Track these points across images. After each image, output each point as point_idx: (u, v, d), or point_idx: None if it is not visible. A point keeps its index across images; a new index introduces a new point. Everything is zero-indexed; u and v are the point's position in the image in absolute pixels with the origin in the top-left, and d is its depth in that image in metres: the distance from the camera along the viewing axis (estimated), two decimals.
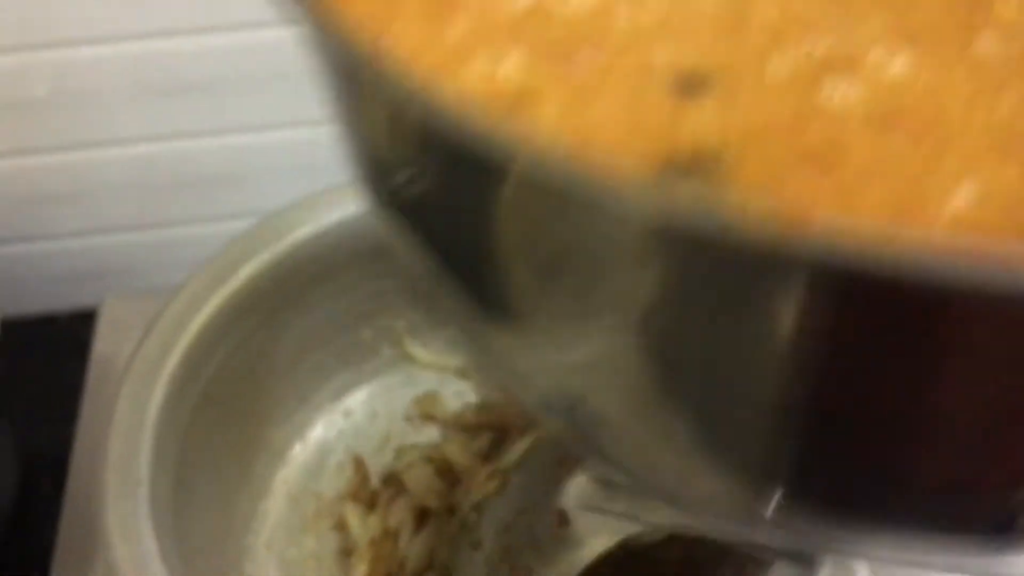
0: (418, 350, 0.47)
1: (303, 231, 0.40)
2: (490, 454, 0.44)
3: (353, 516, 0.43)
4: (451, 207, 0.16)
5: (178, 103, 0.51)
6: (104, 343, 0.52)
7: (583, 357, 0.16)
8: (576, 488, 0.37)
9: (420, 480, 0.43)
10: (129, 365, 0.35)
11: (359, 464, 0.45)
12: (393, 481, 0.44)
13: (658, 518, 0.35)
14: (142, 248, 0.58)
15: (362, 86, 0.16)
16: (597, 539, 0.35)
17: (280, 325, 0.41)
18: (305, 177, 0.44)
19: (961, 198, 0.12)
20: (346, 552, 0.43)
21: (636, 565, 0.41)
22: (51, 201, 0.54)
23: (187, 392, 0.36)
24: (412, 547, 0.41)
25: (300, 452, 0.44)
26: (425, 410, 0.46)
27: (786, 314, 0.12)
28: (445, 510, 0.42)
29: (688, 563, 0.41)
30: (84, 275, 0.58)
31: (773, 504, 0.16)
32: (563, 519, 0.36)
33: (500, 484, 0.40)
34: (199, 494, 0.38)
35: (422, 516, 0.43)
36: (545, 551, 0.36)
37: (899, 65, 0.14)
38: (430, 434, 0.46)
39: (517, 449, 0.41)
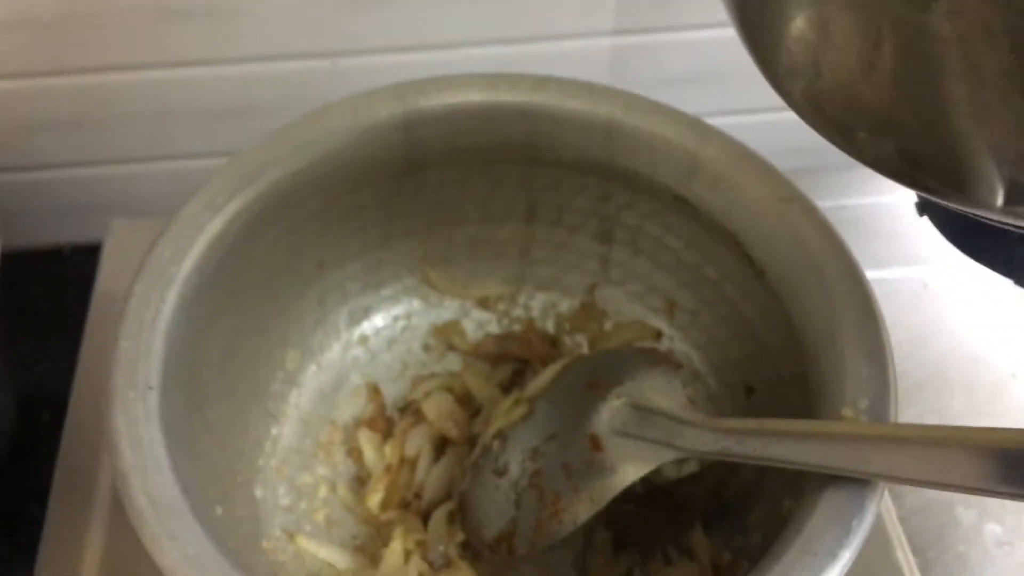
0: (439, 278, 0.45)
1: (333, 139, 0.37)
2: (512, 385, 0.43)
3: (368, 444, 0.41)
4: None
5: (192, 28, 0.49)
6: (109, 270, 0.50)
7: None
8: (609, 413, 0.35)
9: (439, 409, 0.41)
10: (142, 265, 0.33)
11: (374, 391, 0.43)
12: (410, 410, 0.42)
13: (693, 444, 0.33)
14: (150, 180, 0.56)
15: None
16: (630, 466, 0.34)
17: (300, 238, 0.39)
18: None
19: None
20: (360, 480, 0.41)
21: (660, 502, 0.39)
22: (57, 128, 0.52)
23: (202, 298, 0.34)
24: (430, 476, 0.40)
25: (314, 375, 0.42)
26: (445, 339, 0.44)
27: None
28: (465, 440, 0.41)
29: (714, 501, 0.39)
30: (90, 207, 0.56)
31: None
32: (596, 444, 0.35)
33: (526, 412, 0.38)
34: (211, 409, 0.36)
35: (441, 446, 0.41)
36: (576, 477, 0.35)
37: None
38: (449, 364, 0.44)
39: (544, 377, 0.39)
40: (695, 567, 0.37)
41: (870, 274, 0.34)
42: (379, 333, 0.44)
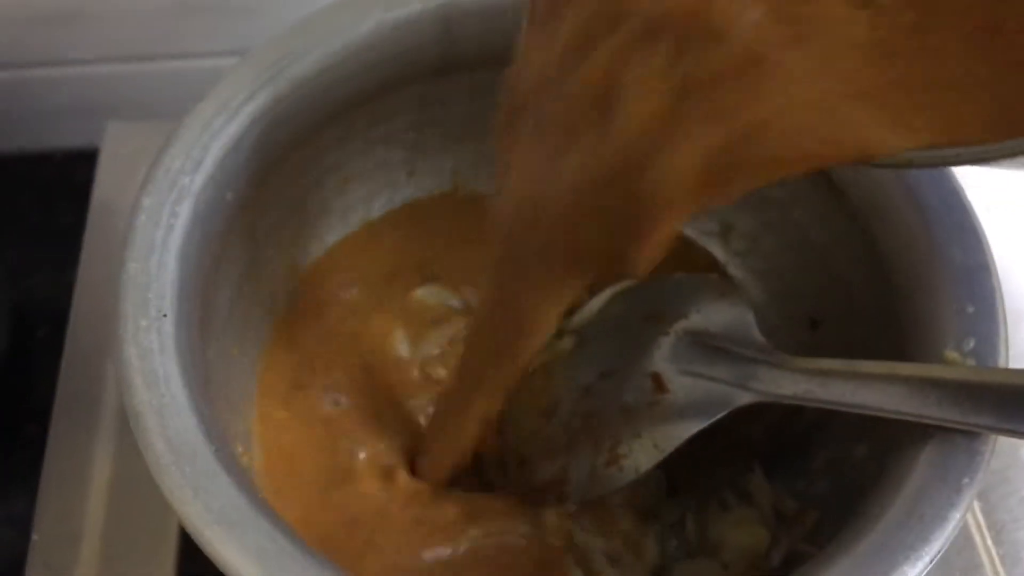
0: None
1: (361, 33, 0.33)
2: None
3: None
4: None
5: None
6: (106, 177, 0.47)
7: None
8: (672, 349, 0.32)
9: None
10: (148, 176, 0.29)
11: None
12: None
13: (770, 386, 0.30)
14: (149, 81, 0.53)
15: None
16: (700, 409, 0.30)
17: (322, 145, 0.35)
18: None
19: None
20: None
21: (714, 441, 0.36)
22: (48, 23, 0.49)
23: (216, 214, 0.30)
24: None
25: None
26: None
27: None
28: None
29: (772, 443, 0.36)
30: (83, 110, 0.53)
31: None
32: (660, 384, 0.31)
33: (576, 343, 0.35)
34: (228, 338, 0.32)
35: None
36: (637, 420, 0.31)
37: None
38: None
39: (591, 305, 0.35)
40: (755, 513, 0.34)
41: None
42: None
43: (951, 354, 0.28)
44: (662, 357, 0.31)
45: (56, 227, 0.48)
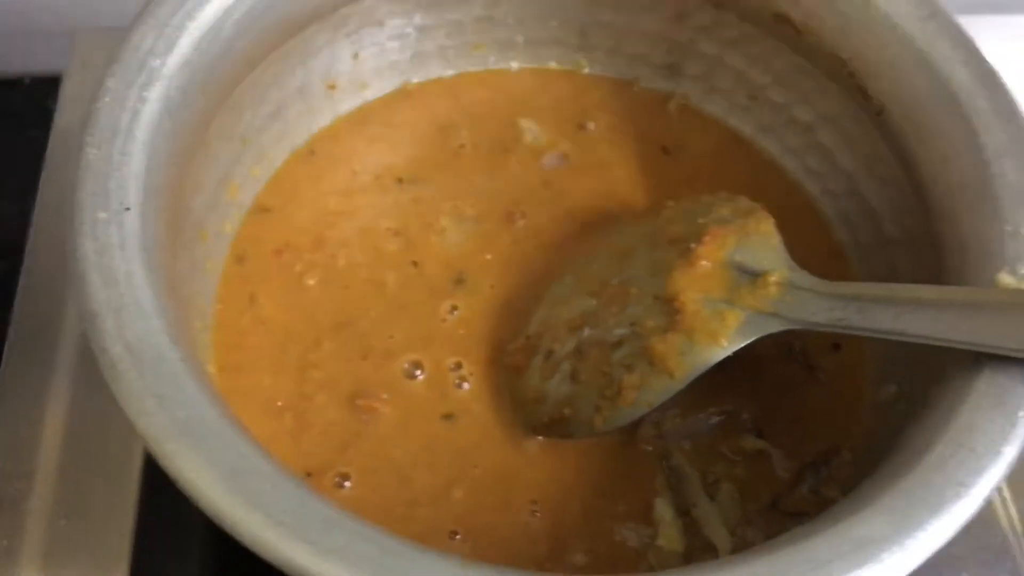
0: None
1: None
2: None
3: None
4: None
5: None
6: (73, 94, 0.43)
7: None
8: (694, 273, 0.29)
9: None
10: (114, 57, 0.26)
11: None
12: None
13: (802, 313, 0.27)
14: (123, 6, 0.49)
15: None
16: (723, 337, 0.27)
17: (310, 41, 0.32)
18: None
19: None
20: None
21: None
22: None
23: (190, 102, 0.27)
24: None
25: None
26: None
27: None
28: None
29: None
30: (52, 34, 0.49)
31: None
32: (680, 309, 0.28)
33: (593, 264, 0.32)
34: (201, 248, 0.29)
35: None
36: (650, 348, 0.28)
37: None
38: None
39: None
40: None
41: None
42: None
43: (1006, 278, 0.25)
44: (683, 282, 0.28)
45: (20, 155, 0.44)
